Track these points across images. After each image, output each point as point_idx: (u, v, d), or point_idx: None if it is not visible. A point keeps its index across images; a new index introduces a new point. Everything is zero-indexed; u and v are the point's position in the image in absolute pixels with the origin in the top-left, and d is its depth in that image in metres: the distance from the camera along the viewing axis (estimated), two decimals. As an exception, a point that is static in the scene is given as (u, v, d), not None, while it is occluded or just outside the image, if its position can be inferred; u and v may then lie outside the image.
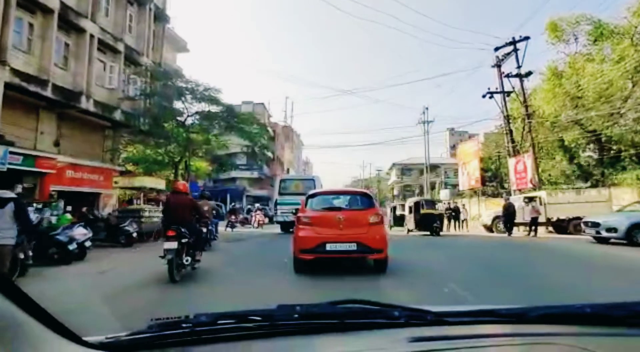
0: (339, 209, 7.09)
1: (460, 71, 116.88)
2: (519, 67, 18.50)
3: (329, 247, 6.33)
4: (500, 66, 20.17)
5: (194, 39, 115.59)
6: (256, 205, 28.19)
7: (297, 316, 1.03)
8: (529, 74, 18.81)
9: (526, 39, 18.17)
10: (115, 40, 16.71)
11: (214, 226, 11.96)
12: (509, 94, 20.36)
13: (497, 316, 1.12)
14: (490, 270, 7.28)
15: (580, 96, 19.78)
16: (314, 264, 6.51)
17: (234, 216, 20.97)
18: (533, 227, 15.54)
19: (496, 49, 19.53)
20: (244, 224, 24.14)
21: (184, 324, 0.95)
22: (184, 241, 6.28)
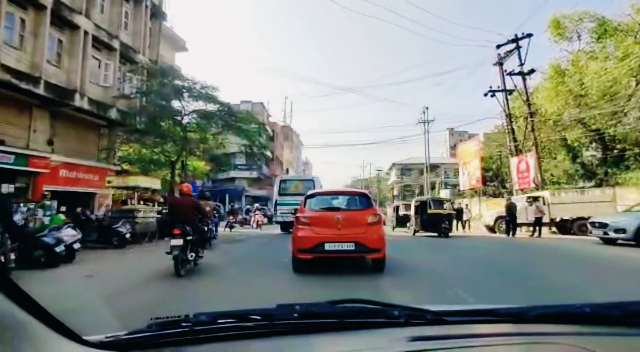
0: (337, 209, 7.15)
1: (461, 69, 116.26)
2: (521, 64, 18.19)
3: (327, 247, 6.38)
4: (502, 64, 19.85)
5: (192, 38, 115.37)
6: (255, 205, 27.84)
7: (297, 315, 1.03)
8: (531, 71, 18.49)
9: (529, 36, 17.87)
10: (111, 38, 16.39)
11: (214, 225, 12.14)
12: (511, 92, 20.03)
13: (497, 316, 1.11)
14: (500, 273, 6.92)
15: (584, 94, 19.47)
16: (313, 264, 6.58)
17: (232, 216, 21.01)
18: (537, 228, 15.21)
19: (498, 47, 19.22)
20: (242, 224, 23.88)
21: (184, 324, 0.95)
22: (188, 238, 6.73)
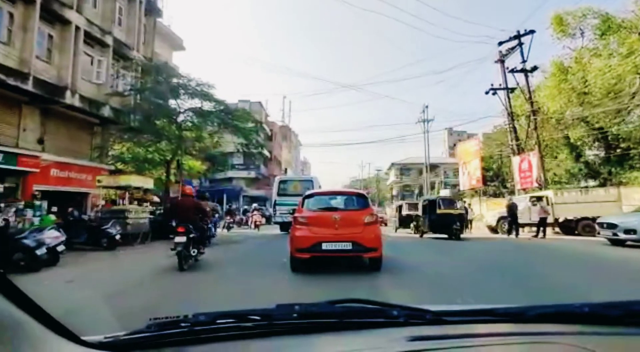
0: (334, 209, 7.23)
1: (462, 66, 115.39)
2: (524, 61, 17.82)
3: (325, 246, 6.47)
4: (503, 61, 19.50)
5: (190, 37, 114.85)
6: (253, 205, 27.42)
7: (296, 315, 1.03)
8: (534, 68, 18.12)
9: (531, 32, 17.49)
10: (104, 33, 15.97)
11: (213, 224, 12.43)
12: (512, 90, 19.68)
13: (496, 315, 1.11)
14: (518, 281, 6.35)
15: (587, 92, 19.11)
16: (311, 263, 6.67)
17: (229, 217, 20.76)
18: (541, 229, 14.84)
19: (500, 44, 18.85)
20: (240, 225, 23.50)
21: (183, 324, 0.95)
22: (191, 236, 7.35)
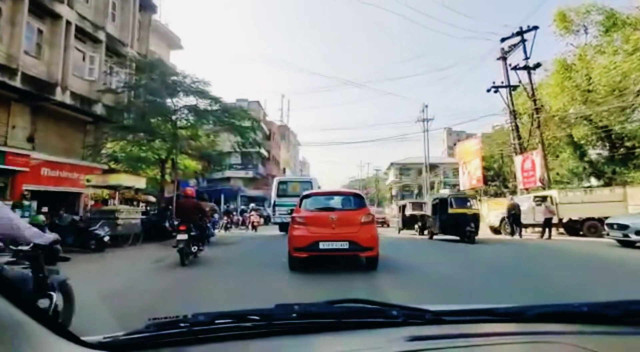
0: (331, 209, 7.36)
1: (464, 63, 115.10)
2: (526, 58, 17.44)
3: (322, 245, 6.58)
4: (506, 59, 19.12)
5: (188, 36, 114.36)
6: (251, 205, 27.01)
7: (295, 315, 1.02)
8: (537, 65, 17.71)
9: (534, 28, 17.10)
10: (96, 29, 15.55)
11: (211, 224, 12.81)
12: (515, 88, 19.30)
13: (495, 315, 1.11)
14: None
15: (591, 90, 18.73)
16: (309, 262, 6.79)
17: (228, 217, 20.79)
18: (547, 229, 14.44)
19: (502, 40, 18.42)
20: (237, 225, 23.13)
21: (182, 324, 0.95)
22: (192, 234, 7.98)
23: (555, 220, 15.01)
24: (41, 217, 13.09)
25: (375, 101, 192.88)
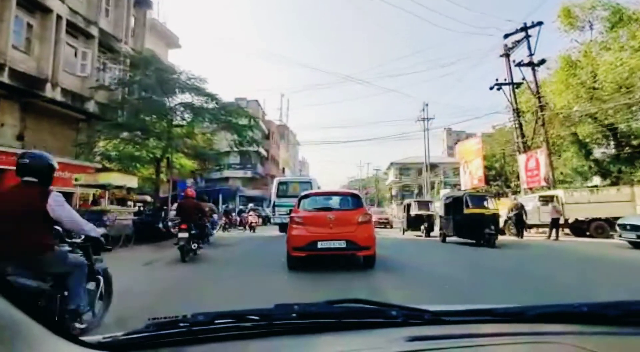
0: (329, 209, 7.47)
1: (464, 60, 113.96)
2: (531, 54, 17.00)
3: (320, 245, 6.67)
4: (509, 55, 18.70)
5: (187, 35, 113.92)
6: (249, 205, 26.50)
7: (295, 315, 1.02)
8: (542, 62, 17.28)
9: (539, 24, 16.65)
10: (88, 24, 15.11)
11: (210, 224, 12.89)
12: (518, 85, 18.88)
13: (495, 315, 1.10)
14: None
15: (597, 87, 18.31)
16: (307, 262, 6.91)
17: (225, 218, 20.31)
18: (554, 230, 14.00)
19: (506, 36, 17.99)
20: (235, 226, 22.68)
21: (181, 324, 0.94)
22: (192, 232, 8.47)
23: (561, 220, 14.61)
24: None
25: (375, 99, 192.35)
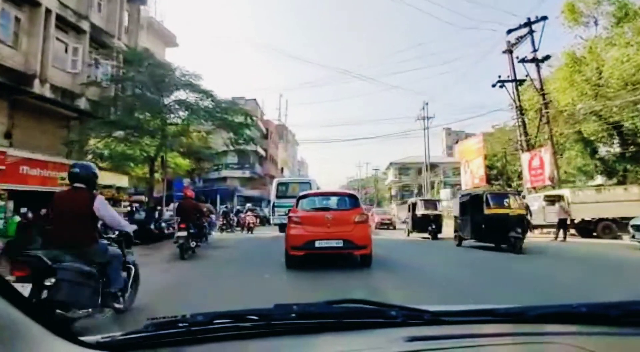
0: (327, 209, 7.66)
1: (466, 56, 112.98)
2: (534, 50, 16.57)
3: (317, 244, 6.82)
4: (512, 52, 18.27)
5: (184, 34, 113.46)
6: (247, 205, 26.03)
7: (294, 315, 1.02)
8: (547, 58, 16.85)
9: (543, 19, 16.22)
10: (79, 18, 14.62)
11: (207, 224, 13.06)
12: (521, 82, 18.46)
13: (495, 316, 1.10)
14: None
15: (602, 84, 17.88)
16: (305, 261, 7.05)
17: (222, 218, 20.20)
18: (561, 231, 13.55)
19: (509, 32, 17.57)
20: (232, 227, 22.23)
21: (180, 324, 0.94)
22: (191, 231, 8.92)
23: (567, 221, 14.19)
24: (18, 219, 12.24)
25: (374, 97, 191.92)
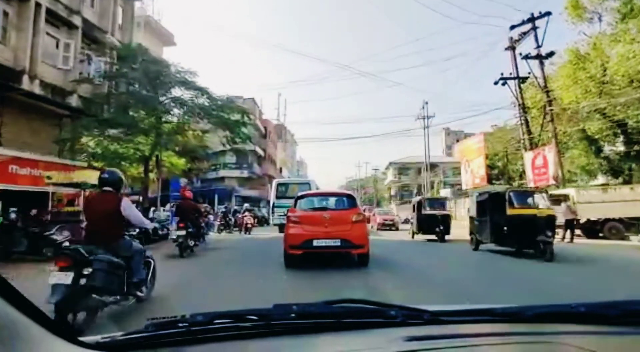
0: (325, 209, 7.76)
1: (466, 52, 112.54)
2: (538, 47, 16.19)
3: (315, 243, 6.92)
4: (514, 48, 17.89)
5: (182, 33, 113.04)
6: (245, 205, 25.62)
7: (294, 315, 1.02)
8: (551, 54, 16.45)
9: (547, 14, 15.84)
10: (71, 13, 14.20)
11: (205, 224, 13.26)
12: (524, 80, 18.07)
13: (494, 315, 1.10)
14: None
15: (607, 81, 17.51)
16: (304, 260, 7.17)
17: (220, 219, 19.86)
18: (568, 231, 13.14)
19: (512, 28, 17.16)
20: (231, 227, 21.84)
21: (180, 324, 0.94)
22: (189, 230, 9.31)
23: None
24: (-1, 220, 11.78)
25: (373, 95, 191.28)
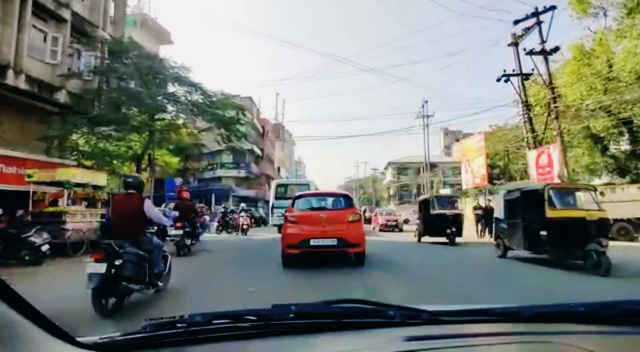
0: (322, 209, 7.86)
1: (467, 49, 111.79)
2: (543, 42, 15.71)
3: (312, 242, 7.01)
4: (517, 44, 17.40)
5: (180, 32, 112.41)
6: (241, 205, 25.09)
7: (293, 315, 1.02)
8: (555, 49, 15.97)
9: (552, 8, 15.36)
10: (59, 6, 13.68)
11: (200, 224, 13.28)
12: (527, 76, 17.60)
13: (493, 315, 1.10)
14: None
15: (613, 78, 17.06)
16: (301, 260, 7.24)
17: (222, 220, 19.70)
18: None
19: (516, 23, 16.64)
20: (229, 228, 21.35)
21: (179, 324, 0.94)
22: (186, 229, 9.70)
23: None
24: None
25: (372, 93, 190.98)
